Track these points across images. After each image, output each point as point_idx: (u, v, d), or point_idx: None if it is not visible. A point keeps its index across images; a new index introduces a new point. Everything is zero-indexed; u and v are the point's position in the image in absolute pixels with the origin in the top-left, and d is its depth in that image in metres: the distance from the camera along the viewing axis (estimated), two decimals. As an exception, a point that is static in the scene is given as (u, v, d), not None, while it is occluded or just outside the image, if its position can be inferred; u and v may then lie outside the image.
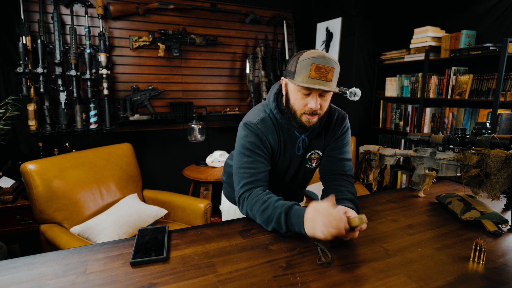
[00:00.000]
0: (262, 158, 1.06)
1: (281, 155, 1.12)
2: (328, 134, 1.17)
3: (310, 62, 0.94)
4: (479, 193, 1.09)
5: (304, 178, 1.25)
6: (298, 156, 1.15)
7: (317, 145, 1.16)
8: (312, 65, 0.94)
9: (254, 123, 1.07)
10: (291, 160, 1.15)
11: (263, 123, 1.08)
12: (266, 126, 1.08)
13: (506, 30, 2.22)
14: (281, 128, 1.10)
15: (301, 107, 1.01)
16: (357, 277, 0.76)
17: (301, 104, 1.00)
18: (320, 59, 0.94)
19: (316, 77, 0.94)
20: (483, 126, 1.11)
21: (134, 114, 2.72)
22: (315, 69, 0.94)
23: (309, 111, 1.00)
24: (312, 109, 0.99)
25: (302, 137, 1.11)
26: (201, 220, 1.96)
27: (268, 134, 1.08)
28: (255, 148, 1.06)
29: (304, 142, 1.12)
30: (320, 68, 0.94)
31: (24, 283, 0.72)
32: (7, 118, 2.13)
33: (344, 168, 1.17)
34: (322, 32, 3.34)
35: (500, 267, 0.81)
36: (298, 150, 1.12)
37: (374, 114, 3.21)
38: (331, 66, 0.95)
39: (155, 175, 3.05)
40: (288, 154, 1.13)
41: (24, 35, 2.25)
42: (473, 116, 2.32)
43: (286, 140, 1.11)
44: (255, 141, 1.06)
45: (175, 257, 0.84)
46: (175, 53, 2.81)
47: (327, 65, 0.94)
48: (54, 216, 1.67)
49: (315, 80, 0.94)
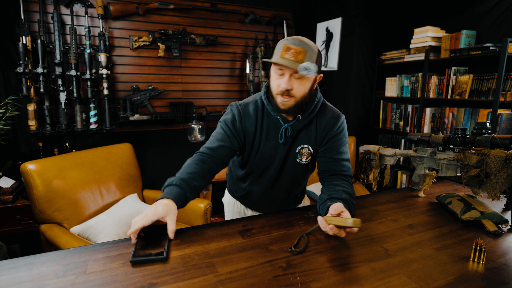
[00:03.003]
0: (231, 137, 1.14)
1: (262, 141, 1.16)
2: (319, 131, 1.16)
3: (283, 43, 1.02)
4: (479, 193, 1.09)
5: (293, 174, 1.23)
6: (281, 145, 1.16)
7: (306, 139, 1.17)
8: (284, 46, 1.01)
9: (237, 104, 1.17)
10: (275, 149, 1.17)
11: (245, 108, 1.16)
12: (246, 111, 1.15)
13: (506, 30, 2.22)
14: (268, 115, 1.16)
15: (275, 87, 1.06)
16: (357, 277, 0.76)
17: (276, 84, 1.06)
18: (293, 41, 1.01)
19: (286, 57, 0.99)
20: (483, 126, 1.11)
21: (134, 114, 2.72)
22: (286, 49, 1.00)
23: (281, 91, 1.04)
24: (283, 88, 1.03)
25: (285, 126, 1.13)
26: (201, 220, 1.96)
27: (245, 118, 1.15)
28: (229, 124, 1.14)
29: (287, 131, 1.14)
30: (290, 49, 1.00)
31: (24, 283, 0.72)
32: (7, 118, 2.13)
33: (342, 169, 1.16)
34: (322, 32, 3.34)
35: (500, 267, 0.81)
36: (281, 138, 1.15)
37: (374, 114, 3.21)
38: (302, 48, 1.00)
39: (155, 175, 3.05)
40: (271, 141, 1.16)
41: (24, 35, 2.25)
42: (473, 116, 2.32)
43: (271, 127, 1.16)
44: (231, 119, 1.14)
45: (175, 257, 0.84)
46: (175, 53, 2.81)
47: (297, 46, 1.00)
48: (54, 216, 1.67)
49: (284, 59, 0.99)
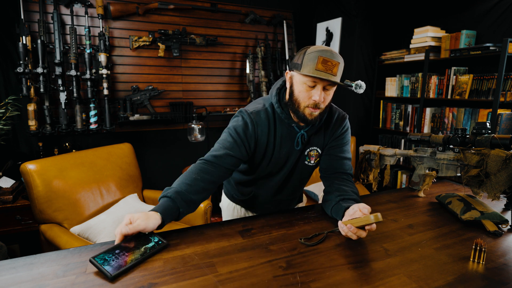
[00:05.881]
0: (241, 146, 1.08)
1: (275, 150, 1.14)
2: (327, 132, 1.17)
3: (317, 55, 0.97)
4: (479, 193, 1.09)
5: (301, 176, 1.24)
6: (296, 151, 1.16)
7: (316, 141, 1.17)
8: (319, 58, 0.96)
9: (248, 112, 1.10)
10: (288, 156, 1.16)
11: (257, 115, 1.10)
12: (259, 119, 1.10)
13: (506, 30, 2.22)
14: (280, 122, 1.12)
15: (305, 100, 1.03)
16: (357, 277, 0.76)
17: (305, 96, 1.02)
18: (327, 53, 0.97)
19: (322, 69, 0.96)
20: (483, 126, 1.11)
21: (134, 114, 2.72)
22: (322, 62, 0.96)
23: (312, 104, 1.02)
24: (316, 101, 1.01)
25: (302, 132, 1.12)
26: (201, 220, 1.96)
27: (258, 127, 1.10)
28: (241, 132, 1.08)
29: (303, 137, 1.13)
30: (326, 61, 0.96)
31: (24, 283, 0.72)
32: (7, 118, 2.13)
33: (345, 167, 1.18)
34: (322, 32, 3.34)
35: (500, 267, 0.81)
36: (297, 145, 1.13)
37: (374, 114, 3.21)
38: (337, 61, 0.98)
39: (155, 175, 3.05)
40: (285, 149, 1.14)
41: (24, 35, 2.25)
42: (473, 116, 2.32)
43: (284, 135, 1.12)
44: (243, 127, 1.08)
45: (175, 257, 0.84)
46: (175, 53, 2.81)
47: (333, 59, 0.97)
48: (54, 216, 1.67)
49: (321, 72, 0.97)
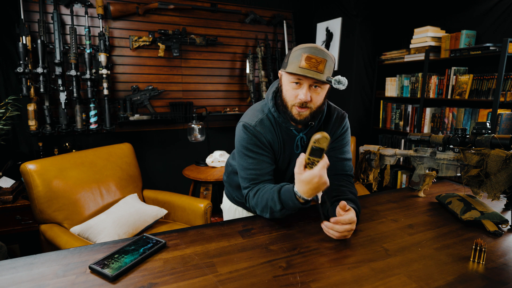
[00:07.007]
0: (265, 158, 1.08)
1: (281, 154, 1.13)
2: (327, 131, 1.16)
3: (301, 52, 0.95)
4: (479, 193, 1.09)
5: None
6: (297, 155, 1.15)
7: None
8: (303, 55, 0.94)
9: (252, 125, 1.07)
10: (290, 159, 1.15)
11: (262, 125, 1.08)
12: (265, 127, 1.08)
13: (506, 30, 2.22)
14: (279, 127, 1.10)
15: (292, 98, 1.00)
16: (357, 277, 0.76)
17: (292, 95, 1.00)
18: (311, 50, 0.94)
19: (306, 67, 0.93)
20: (483, 126, 1.11)
21: (134, 114, 2.72)
22: (306, 59, 0.93)
23: (299, 103, 0.99)
24: (302, 100, 0.98)
25: (300, 135, 1.11)
26: (201, 220, 1.96)
27: (267, 135, 1.08)
28: (258, 149, 1.07)
29: (302, 140, 1.12)
30: (310, 58, 0.93)
31: (24, 283, 0.72)
32: (7, 118, 2.13)
33: (345, 168, 1.17)
34: (322, 32, 3.34)
35: (500, 267, 0.81)
36: (297, 149, 1.12)
37: (374, 114, 3.21)
38: (323, 58, 0.94)
39: (155, 175, 3.05)
40: (287, 152, 1.13)
41: (24, 35, 2.25)
42: (473, 116, 2.32)
43: (285, 139, 1.11)
44: (256, 142, 1.06)
45: (175, 257, 0.84)
46: (175, 53, 2.81)
47: (318, 55, 0.93)
48: (54, 216, 1.67)
49: (304, 69, 0.93)
